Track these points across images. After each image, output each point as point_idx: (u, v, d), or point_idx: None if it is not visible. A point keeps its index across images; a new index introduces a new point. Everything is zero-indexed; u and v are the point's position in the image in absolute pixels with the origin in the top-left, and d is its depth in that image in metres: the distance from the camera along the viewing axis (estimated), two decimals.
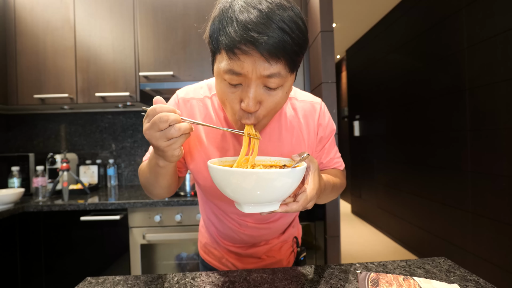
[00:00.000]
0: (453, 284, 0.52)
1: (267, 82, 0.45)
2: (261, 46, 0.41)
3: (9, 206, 1.35)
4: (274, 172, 0.41)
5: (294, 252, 0.79)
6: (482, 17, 1.82)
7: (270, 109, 0.49)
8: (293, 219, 0.79)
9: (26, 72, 1.67)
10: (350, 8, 2.99)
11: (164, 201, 1.39)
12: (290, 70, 0.47)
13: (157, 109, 0.43)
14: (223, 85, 0.48)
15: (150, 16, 1.67)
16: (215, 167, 0.44)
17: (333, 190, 0.62)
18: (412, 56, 2.61)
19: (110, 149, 2.02)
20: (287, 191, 0.44)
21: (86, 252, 1.41)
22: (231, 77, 0.45)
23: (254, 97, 0.46)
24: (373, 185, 3.54)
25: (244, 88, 0.46)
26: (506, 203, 1.66)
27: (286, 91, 0.49)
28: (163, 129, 0.43)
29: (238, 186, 0.42)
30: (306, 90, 1.69)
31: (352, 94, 4.24)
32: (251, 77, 0.44)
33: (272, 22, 0.41)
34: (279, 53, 0.42)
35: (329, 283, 0.55)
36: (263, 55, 0.42)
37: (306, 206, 0.47)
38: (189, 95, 0.62)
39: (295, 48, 0.44)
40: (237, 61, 0.43)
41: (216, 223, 0.72)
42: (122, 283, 0.58)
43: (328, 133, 0.68)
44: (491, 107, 1.76)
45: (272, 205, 0.46)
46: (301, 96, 0.67)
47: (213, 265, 0.76)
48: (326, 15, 1.44)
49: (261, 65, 0.43)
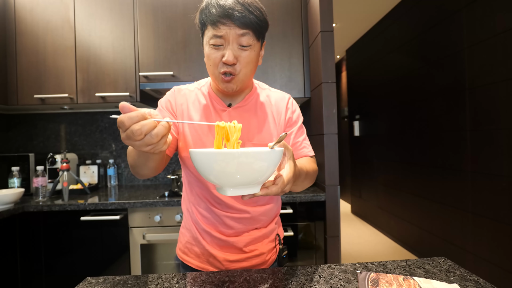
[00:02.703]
0: (453, 284, 0.52)
1: (241, 41, 0.63)
2: (235, 18, 0.60)
3: (9, 206, 1.35)
4: (254, 152, 0.45)
5: (277, 248, 0.81)
6: (482, 17, 1.82)
7: (245, 64, 0.65)
8: (275, 215, 0.83)
9: (26, 72, 1.67)
10: (350, 8, 2.99)
11: (164, 201, 1.39)
12: (256, 37, 0.65)
13: (126, 123, 0.40)
14: (209, 49, 0.65)
15: (150, 16, 1.67)
16: (196, 151, 0.46)
17: (307, 177, 0.70)
18: (412, 56, 2.61)
19: (110, 149, 2.02)
20: (265, 172, 0.48)
21: (86, 252, 1.41)
22: (215, 40, 0.63)
23: (232, 51, 0.63)
24: (373, 185, 3.54)
25: (224, 47, 0.64)
26: (506, 203, 1.66)
27: (255, 51, 0.66)
28: (139, 140, 0.42)
29: (220, 167, 0.45)
30: (306, 90, 1.69)
31: (352, 94, 4.24)
32: (229, 38, 0.62)
33: (243, 6, 0.61)
34: (247, 24, 0.62)
35: (329, 283, 0.55)
36: (237, 24, 0.61)
37: (284, 189, 0.52)
38: (183, 87, 0.79)
39: (258, 22, 0.64)
40: (218, 29, 0.62)
41: (203, 210, 0.75)
42: (122, 283, 0.58)
43: (295, 117, 0.80)
44: (491, 107, 1.76)
45: (253, 188, 0.49)
46: (274, 90, 0.84)
47: (192, 265, 0.76)
48: (326, 15, 1.44)
49: (236, 30, 0.62)
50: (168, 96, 0.76)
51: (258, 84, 0.82)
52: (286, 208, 1.42)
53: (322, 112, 1.45)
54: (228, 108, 0.75)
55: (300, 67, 1.69)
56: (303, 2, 1.68)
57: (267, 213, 0.78)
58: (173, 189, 1.56)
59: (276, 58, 1.67)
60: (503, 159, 1.68)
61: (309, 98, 1.71)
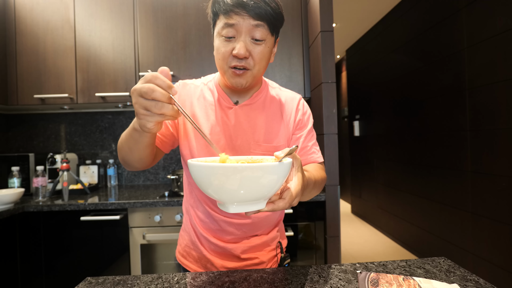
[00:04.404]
0: (453, 284, 0.52)
1: (254, 33, 0.59)
2: (250, 8, 0.57)
3: (9, 206, 1.35)
4: (260, 166, 0.39)
5: (278, 257, 0.77)
6: (482, 17, 1.82)
7: (258, 60, 0.62)
8: (278, 222, 0.79)
9: (26, 72, 1.67)
10: (350, 8, 2.99)
11: (164, 201, 1.39)
12: (271, 30, 0.62)
13: (151, 78, 0.42)
14: (220, 41, 0.61)
15: (150, 16, 1.67)
16: (195, 163, 0.41)
17: (315, 186, 0.63)
18: (412, 56, 2.61)
19: (110, 149, 2.02)
20: (273, 187, 0.42)
21: (86, 252, 1.41)
22: (227, 30, 0.59)
23: (244, 43, 0.59)
24: (373, 185, 3.54)
25: (236, 39, 0.60)
26: (506, 203, 1.66)
27: (268, 47, 0.63)
28: (144, 97, 0.42)
29: (220, 182, 0.39)
30: (306, 90, 1.69)
31: (352, 94, 4.24)
32: (241, 29, 0.58)
33: None
34: (262, 16, 0.58)
35: (329, 283, 0.55)
36: (251, 15, 0.57)
37: (292, 203, 0.47)
38: (188, 81, 0.76)
39: (274, 14, 0.60)
40: (231, 19, 0.58)
41: (201, 214, 0.72)
42: (122, 283, 0.58)
43: (306, 119, 0.76)
44: (491, 107, 1.76)
45: (258, 204, 0.44)
46: (285, 90, 0.79)
47: (190, 270, 0.74)
48: (326, 15, 1.44)
49: (249, 21, 0.58)
50: None
51: (268, 82, 0.77)
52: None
53: (322, 112, 1.45)
54: (235, 105, 0.71)
55: (300, 67, 1.69)
56: (303, 2, 1.68)
57: (269, 220, 0.75)
58: (173, 189, 1.56)
59: (276, 58, 1.67)
60: (503, 159, 1.68)
61: (309, 98, 1.71)
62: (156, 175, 2.03)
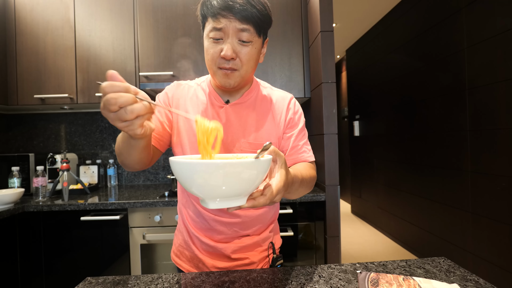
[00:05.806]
0: (453, 284, 0.52)
1: (240, 36, 0.61)
2: (236, 11, 0.58)
3: (9, 206, 1.35)
4: (239, 162, 0.40)
5: (269, 258, 0.76)
6: (482, 17, 1.82)
7: (245, 60, 0.63)
8: (271, 222, 0.79)
9: (26, 72, 1.67)
10: (350, 8, 2.99)
11: (164, 201, 1.39)
12: (257, 32, 0.63)
13: (106, 89, 0.39)
14: (209, 43, 0.63)
15: (150, 16, 1.67)
16: (175, 160, 0.41)
17: (302, 184, 0.64)
18: (412, 56, 2.61)
19: (110, 149, 2.02)
20: (253, 183, 0.43)
21: (86, 252, 1.41)
22: (215, 33, 0.61)
23: (231, 45, 0.61)
24: (373, 185, 3.54)
25: (224, 41, 0.62)
26: (506, 203, 1.66)
27: (255, 48, 0.64)
28: (114, 111, 0.40)
29: (202, 178, 0.40)
30: (306, 90, 1.69)
31: (352, 94, 4.24)
32: (228, 31, 0.60)
33: None
34: (248, 18, 0.59)
35: (329, 283, 0.55)
36: (237, 18, 0.59)
37: (273, 199, 0.47)
38: (183, 82, 0.78)
39: (260, 17, 0.61)
40: (218, 22, 0.60)
41: (192, 213, 0.73)
42: (122, 283, 0.58)
43: (297, 118, 0.77)
44: (491, 107, 1.76)
45: (238, 200, 0.44)
46: (276, 89, 0.81)
47: (183, 269, 0.75)
48: (326, 15, 1.44)
49: (236, 23, 0.59)
50: (166, 89, 0.76)
51: (260, 82, 0.79)
52: (286, 208, 1.42)
53: (322, 112, 1.45)
54: (226, 104, 0.73)
55: (300, 67, 1.69)
56: (303, 2, 1.68)
57: (260, 219, 0.74)
58: (173, 189, 1.56)
59: (276, 58, 1.67)
60: (503, 159, 1.68)
61: (309, 98, 1.71)
62: (156, 175, 2.03)
